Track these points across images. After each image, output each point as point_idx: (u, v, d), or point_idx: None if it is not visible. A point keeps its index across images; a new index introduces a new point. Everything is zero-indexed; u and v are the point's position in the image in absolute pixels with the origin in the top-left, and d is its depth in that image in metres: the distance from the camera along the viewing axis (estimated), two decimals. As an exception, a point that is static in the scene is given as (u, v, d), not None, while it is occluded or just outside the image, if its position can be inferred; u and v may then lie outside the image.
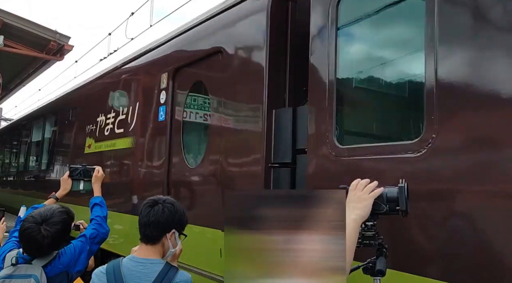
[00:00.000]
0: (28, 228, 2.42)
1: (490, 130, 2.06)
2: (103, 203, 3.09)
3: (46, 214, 2.48)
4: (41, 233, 2.41)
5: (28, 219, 2.47)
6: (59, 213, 2.53)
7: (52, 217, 2.47)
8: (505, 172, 1.96)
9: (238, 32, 3.96)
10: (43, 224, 2.43)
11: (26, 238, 2.44)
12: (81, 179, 3.32)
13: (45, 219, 2.45)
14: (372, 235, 1.74)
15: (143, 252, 2.27)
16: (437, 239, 2.22)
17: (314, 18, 3.08)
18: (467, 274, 2.04)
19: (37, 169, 9.83)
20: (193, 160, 4.56)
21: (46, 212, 2.50)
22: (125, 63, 6.13)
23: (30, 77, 13.38)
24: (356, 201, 1.70)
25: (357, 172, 2.33)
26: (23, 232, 2.44)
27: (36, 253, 2.49)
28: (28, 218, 2.49)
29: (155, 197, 2.34)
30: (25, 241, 2.46)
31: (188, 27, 4.78)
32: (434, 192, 2.24)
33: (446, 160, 2.19)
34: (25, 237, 2.44)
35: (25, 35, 10.26)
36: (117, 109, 6.00)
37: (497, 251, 1.98)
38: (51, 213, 2.49)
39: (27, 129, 10.74)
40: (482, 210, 2.02)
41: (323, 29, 2.99)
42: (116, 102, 6.12)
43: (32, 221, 2.44)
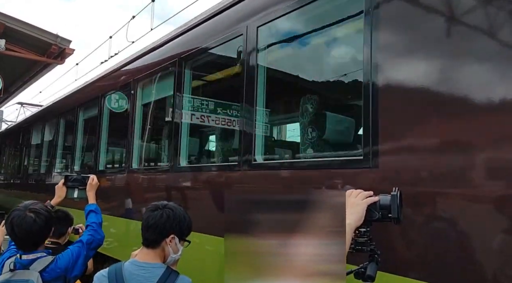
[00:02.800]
0: (14, 216, 2.53)
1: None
2: (98, 210, 3.14)
3: (30, 203, 2.64)
4: (28, 215, 2.52)
5: (13, 211, 2.61)
6: (43, 206, 2.68)
7: (37, 205, 2.63)
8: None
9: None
10: (28, 209, 2.56)
11: (15, 224, 2.51)
12: (75, 187, 3.36)
13: (28, 206, 2.60)
14: (364, 241, 1.77)
15: (143, 255, 2.30)
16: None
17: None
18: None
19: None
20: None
21: (30, 202, 2.67)
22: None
23: (31, 80, 13.42)
24: (350, 206, 1.73)
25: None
26: (11, 220, 2.53)
27: (26, 241, 2.54)
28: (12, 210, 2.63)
29: (159, 203, 2.39)
30: (14, 228, 2.52)
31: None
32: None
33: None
34: (14, 224, 2.51)
35: (27, 39, 10.30)
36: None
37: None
38: (35, 203, 2.66)
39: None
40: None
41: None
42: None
43: (17, 209, 2.59)
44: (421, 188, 2.34)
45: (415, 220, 2.33)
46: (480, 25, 2.23)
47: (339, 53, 4.51)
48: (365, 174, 2.63)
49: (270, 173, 3.50)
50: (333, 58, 4.68)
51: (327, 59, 4.87)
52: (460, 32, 2.32)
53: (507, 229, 2.02)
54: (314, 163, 3.43)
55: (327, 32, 3.81)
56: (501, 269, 2.03)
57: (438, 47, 2.38)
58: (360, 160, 2.69)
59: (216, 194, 3.97)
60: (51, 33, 10.44)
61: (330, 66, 5.06)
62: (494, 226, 2.07)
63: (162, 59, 5.14)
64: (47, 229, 2.63)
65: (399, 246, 2.43)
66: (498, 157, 2.10)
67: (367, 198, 1.78)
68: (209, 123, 5.10)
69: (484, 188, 2.12)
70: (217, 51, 4.36)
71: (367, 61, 2.66)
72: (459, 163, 2.20)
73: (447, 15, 2.39)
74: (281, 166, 3.63)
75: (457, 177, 2.21)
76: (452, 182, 2.22)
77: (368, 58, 2.65)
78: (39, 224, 2.54)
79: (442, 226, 2.26)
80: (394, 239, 2.38)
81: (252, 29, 3.70)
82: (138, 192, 5.43)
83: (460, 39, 2.29)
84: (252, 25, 3.71)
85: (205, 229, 3.63)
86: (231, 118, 5.01)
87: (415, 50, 2.52)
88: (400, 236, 2.38)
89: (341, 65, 4.81)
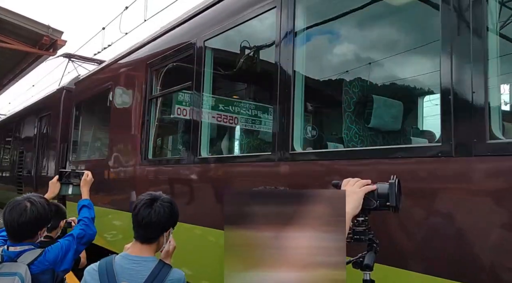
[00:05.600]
0: (11, 203, 2.55)
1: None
2: (91, 205, 3.12)
3: (33, 195, 2.69)
4: (23, 203, 2.53)
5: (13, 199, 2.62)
6: (43, 200, 2.69)
7: (38, 197, 2.64)
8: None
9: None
10: (26, 199, 2.58)
11: (8, 210, 2.51)
12: (70, 183, 3.36)
13: (29, 196, 2.62)
14: (362, 230, 1.75)
15: (137, 250, 2.25)
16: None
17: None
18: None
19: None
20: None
21: (34, 194, 2.69)
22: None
23: (23, 72, 13.26)
24: (348, 195, 1.69)
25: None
26: (6, 207, 2.52)
27: (17, 231, 2.51)
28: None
29: (151, 195, 2.29)
30: (6, 215, 2.49)
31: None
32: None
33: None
34: (7, 210, 2.51)
35: (18, 30, 10.15)
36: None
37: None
38: (38, 196, 2.68)
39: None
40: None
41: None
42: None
43: (17, 198, 2.61)
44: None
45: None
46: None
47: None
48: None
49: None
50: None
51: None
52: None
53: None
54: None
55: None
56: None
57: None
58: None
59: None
60: (43, 24, 10.28)
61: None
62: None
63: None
64: (41, 221, 2.58)
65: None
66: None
67: (365, 186, 1.74)
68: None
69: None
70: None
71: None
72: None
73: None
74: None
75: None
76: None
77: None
78: (32, 214, 2.50)
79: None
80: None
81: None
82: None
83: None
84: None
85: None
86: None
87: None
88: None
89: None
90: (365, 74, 4.80)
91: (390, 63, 5.13)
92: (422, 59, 4.83)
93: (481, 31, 2.22)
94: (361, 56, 5.18)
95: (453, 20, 2.34)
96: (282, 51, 3.40)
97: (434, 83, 4.80)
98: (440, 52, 2.38)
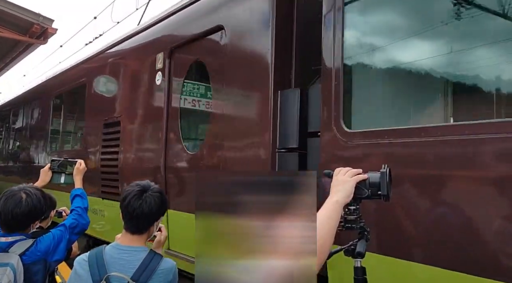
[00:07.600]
0: (6, 193, 2.53)
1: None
2: (84, 194, 3.09)
3: (28, 186, 2.66)
4: (18, 194, 2.52)
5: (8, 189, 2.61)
6: (38, 191, 2.67)
7: (30, 188, 2.61)
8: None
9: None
10: (22, 190, 2.57)
11: (2, 200, 2.50)
12: (62, 172, 3.30)
13: (24, 187, 2.60)
14: (354, 219, 1.78)
15: (128, 240, 2.24)
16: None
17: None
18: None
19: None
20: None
21: (29, 185, 2.70)
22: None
23: (14, 61, 13.08)
24: (339, 184, 1.73)
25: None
26: (1, 197, 2.51)
27: (11, 221, 2.50)
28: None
29: (140, 185, 2.27)
30: (5, 204, 2.49)
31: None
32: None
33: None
34: (2, 200, 2.50)
35: (7, 17, 9.98)
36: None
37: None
38: (34, 187, 2.68)
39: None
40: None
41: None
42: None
43: (12, 188, 2.60)
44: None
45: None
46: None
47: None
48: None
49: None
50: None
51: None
52: None
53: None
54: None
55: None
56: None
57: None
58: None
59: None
60: (33, 12, 10.11)
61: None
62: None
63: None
64: (35, 213, 2.57)
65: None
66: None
67: (356, 175, 1.77)
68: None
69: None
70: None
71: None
72: None
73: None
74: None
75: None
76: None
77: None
78: (27, 206, 2.49)
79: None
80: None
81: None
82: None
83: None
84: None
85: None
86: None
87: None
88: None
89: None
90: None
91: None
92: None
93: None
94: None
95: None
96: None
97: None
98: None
